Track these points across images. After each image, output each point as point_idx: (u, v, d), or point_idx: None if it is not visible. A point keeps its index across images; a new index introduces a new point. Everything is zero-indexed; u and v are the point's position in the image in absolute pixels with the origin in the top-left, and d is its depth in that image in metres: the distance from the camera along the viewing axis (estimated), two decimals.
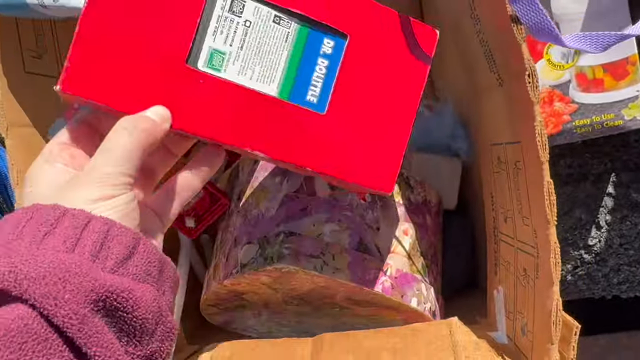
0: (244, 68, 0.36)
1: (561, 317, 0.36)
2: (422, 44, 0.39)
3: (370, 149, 0.38)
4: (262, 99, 0.36)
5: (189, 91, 0.34)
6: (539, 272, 0.39)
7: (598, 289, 0.69)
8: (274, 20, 0.36)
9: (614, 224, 0.65)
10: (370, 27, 0.38)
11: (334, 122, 0.37)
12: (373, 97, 0.38)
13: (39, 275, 0.25)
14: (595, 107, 0.56)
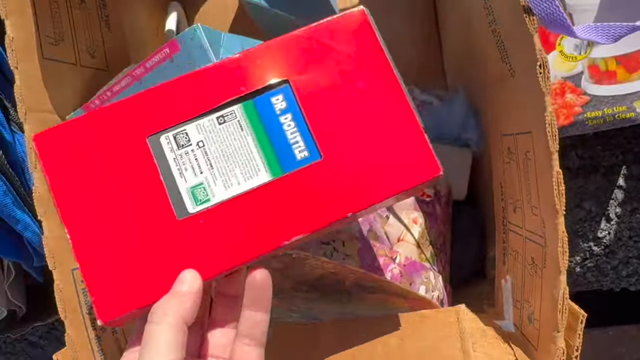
0: (227, 181, 0.34)
1: (567, 305, 0.37)
2: (358, 31, 0.35)
3: (390, 151, 0.34)
4: (262, 192, 0.34)
5: (198, 238, 0.33)
6: (547, 261, 0.39)
7: (607, 281, 0.70)
8: (219, 122, 0.34)
9: (624, 216, 0.65)
10: (299, 57, 0.35)
11: (338, 157, 0.34)
12: (355, 108, 0.35)
13: None
14: (607, 99, 0.56)
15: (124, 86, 0.43)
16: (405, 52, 0.68)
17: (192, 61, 0.39)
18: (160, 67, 0.40)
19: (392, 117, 0.35)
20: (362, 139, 0.34)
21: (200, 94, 0.34)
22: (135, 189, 0.33)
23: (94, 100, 0.45)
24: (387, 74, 0.35)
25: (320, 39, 0.35)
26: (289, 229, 0.33)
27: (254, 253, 0.33)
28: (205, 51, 0.38)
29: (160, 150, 0.34)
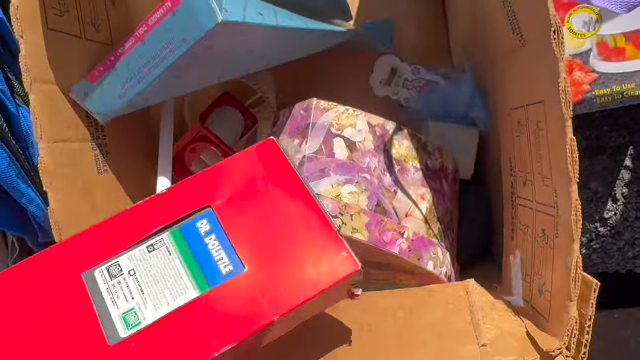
0: (157, 302, 0.36)
1: (580, 274, 0.37)
2: (269, 157, 0.40)
3: (308, 255, 0.37)
4: (191, 307, 0.35)
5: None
6: (559, 231, 0.39)
7: (612, 263, 0.69)
8: (149, 250, 0.37)
9: (631, 197, 0.65)
10: (221, 185, 0.39)
11: (261, 266, 0.37)
12: (272, 220, 0.38)
13: None
14: (616, 77, 0.56)
15: (128, 48, 0.42)
16: (411, 33, 0.68)
17: (195, 12, 0.38)
18: (163, 24, 0.40)
19: (307, 224, 0.38)
20: (282, 247, 0.38)
21: (132, 227, 0.38)
22: (71, 321, 0.35)
23: (98, 68, 0.44)
24: (298, 188, 0.39)
25: (237, 168, 0.40)
26: (218, 340, 0.34)
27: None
28: (207, 1, 0.37)
29: (94, 283, 0.36)
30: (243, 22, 0.39)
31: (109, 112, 0.47)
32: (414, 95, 0.67)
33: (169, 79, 0.43)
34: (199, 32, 0.38)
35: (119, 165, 0.50)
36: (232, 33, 0.40)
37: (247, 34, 0.41)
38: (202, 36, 0.38)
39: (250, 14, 0.40)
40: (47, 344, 0.34)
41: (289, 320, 0.37)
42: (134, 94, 0.44)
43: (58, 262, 0.37)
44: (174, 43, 0.40)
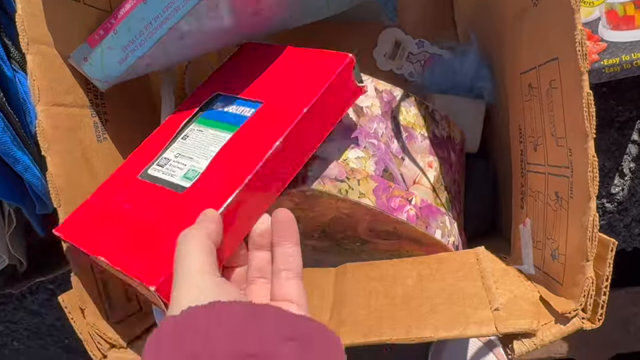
0: (206, 155, 0.42)
1: (597, 233, 0.35)
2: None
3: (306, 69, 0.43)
4: (233, 141, 0.41)
5: (201, 194, 0.39)
6: (574, 191, 0.38)
7: (619, 240, 0.68)
8: (183, 138, 0.45)
9: (638, 171, 0.64)
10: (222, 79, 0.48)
11: (274, 96, 0.43)
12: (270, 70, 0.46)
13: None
14: (625, 46, 0.55)
15: (128, 9, 0.41)
16: (415, 5, 0.67)
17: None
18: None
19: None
20: (285, 81, 0.43)
21: (164, 132, 0.46)
22: (147, 200, 0.41)
23: (97, 31, 0.43)
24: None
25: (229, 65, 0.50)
26: (261, 149, 0.39)
27: (242, 177, 0.38)
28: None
29: (151, 176, 0.43)
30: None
31: (109, 77, 0.45)
32: (418, 68, 0.66)
33: (172, 41, 0.42)
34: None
35: (118, 134, 0.49)
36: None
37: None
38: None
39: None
40: (139, 219, 0.40)
41: (314, 117, 0.40)
42: (135, 57, 0.43)
43: (116, 183, 0.44)
44: (176, 2, 0.39)
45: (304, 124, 0.39)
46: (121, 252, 0.37)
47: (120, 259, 0.37)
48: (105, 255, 0.37)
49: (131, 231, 0.39)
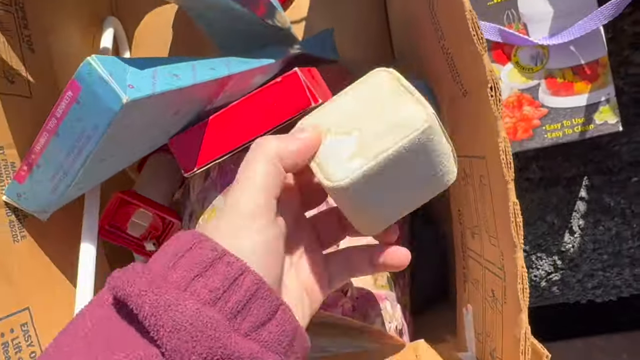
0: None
1: (530, 345, 0.34)
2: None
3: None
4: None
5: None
6: (507, 296, 0.36)
7: (572, 294, 0.68)
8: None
9: (587, 228, 0.64)
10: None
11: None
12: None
13: (175, 328, 0.25)
14: (566, 111, 0.54)
15: (44, 144, 0.39)
16: (352, 46, 0.65)
17: (98, 97, 0.35)
18: (71, 114, 0.36)
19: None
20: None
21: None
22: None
23: (22, 167, 0.41)
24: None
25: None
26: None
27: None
28: (106, 82, 0.34)
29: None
30: (153, 93, 0.36)
31: (46, 207, 0.44)
32: None
33: (95, 165, 0.40)
34: (107, 117, 0.35)
35: (39, 230, 0.46)
36: (146, 106, 0.37)
37: (164, 100, 0.38)
38: (112, 119, 0.35)
39: (162, 80, 0.37)
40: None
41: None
42: (64, 186, 0.41)
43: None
44: (87, 131, 0.37)
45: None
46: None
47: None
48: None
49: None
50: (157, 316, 0.25)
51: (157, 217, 0.50)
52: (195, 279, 0.27)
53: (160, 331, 0.25)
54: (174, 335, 0.25)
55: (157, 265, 0.28)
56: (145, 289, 0.26)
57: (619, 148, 0.62)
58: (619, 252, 0.64)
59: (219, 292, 0.27)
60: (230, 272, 0.27)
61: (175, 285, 0.26)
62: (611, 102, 0.53)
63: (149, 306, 0.25)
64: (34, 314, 0.44)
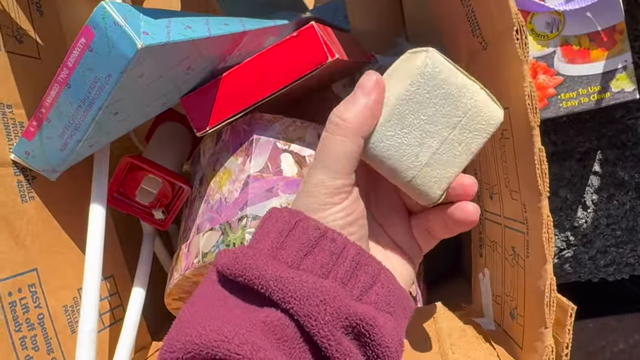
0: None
1: (555, 298, 0.33)
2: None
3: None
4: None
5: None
6: (530, 249, 0.35)
7: (585, 272, 0.67)
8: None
9: (601, 203, 0.63)
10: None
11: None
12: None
13: (302, 296, 0.27)
14: (582, 79, 0.53)
15: (55, 96, 0.38)
16: (365, 13, 0.64)
17: (112, 42, 0.34)
18: (83, 63, 0.35)
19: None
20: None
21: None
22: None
23: (31, 123, 0.40)
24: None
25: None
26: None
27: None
28: (121, 27, 0.33)
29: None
30: (168, 41, 0.35)
31: (56, 167, 0.43)
32: None
33: (107, 118, 0.39)
34: (121, 64, 0.34)
35: (48, 192, 0.45)
36: (160, 55, 0.36)
37: (178, 52, 0.37)
38: (126, 67, 0.34)
39: (176, 30, 0.36)
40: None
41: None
42: (74, 142, 0.40)
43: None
44: (99, 81, 0.36)
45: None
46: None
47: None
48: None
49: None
50: (284, 290, 0.27)
51: (167, 183, 0.49)
52: (305, 257, 0.29)
53: (290, 301, 0.27)
54: (304, 302, 0.27)
55: (265, 246, 0.30)
56: (265, 266, 0.28)
57: (634, 122, 0.62)
58: (633, 228, 0.63)
59: (328, 266, 0.29)
60: (336, 247, 0.30)
61: (289, 264, 0.29)
62: (628, 70, 0.52)
63: (273, 282, 0.28)
64: (42, 275, 0.43)
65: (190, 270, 0.42)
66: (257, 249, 0.30)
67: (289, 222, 0.30)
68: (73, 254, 0.47)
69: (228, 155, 0.44)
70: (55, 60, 0.49)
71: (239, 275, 0.29)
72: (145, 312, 0.51)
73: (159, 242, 0.56)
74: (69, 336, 0.44)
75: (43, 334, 0.42)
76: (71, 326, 0.44)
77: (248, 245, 0.31)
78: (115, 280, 0.52)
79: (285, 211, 0.31)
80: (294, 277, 0.28)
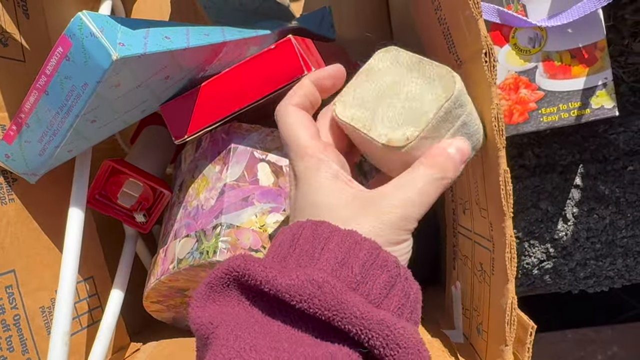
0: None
1: (516, 316, 0.34)
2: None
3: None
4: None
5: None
6: (495, 267, 0.36)
7: (564, 283, 0.67)
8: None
9: (581, 216, 0.63)
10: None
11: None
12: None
13: (407, 346, 0.25)
14: (562, 95, 0.54)
15: (33, 102, 0.38)
16: (351, 20, 0.65)
17: (87, 53, 0.34)
18: (60, 71, 0.36)
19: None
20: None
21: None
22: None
23: (11, 127, 0.41)
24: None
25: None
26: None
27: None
28: (97, 38, 0.34)
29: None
30: (145, 52, 0.35)
31: (35, 170, 0.43)
32: None
33: (85, 125, 0.39)
34: (97, 74, 0.35)
35: (28, 194, 0.46)
36: (136, 66, 0.36)
37: (155, 62, 0.38)
38: (102, 77, 0.35)
39: (154, 41, 0.37)
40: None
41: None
42: (52, 147, 0.41)
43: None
44: (76, 89, 0.36)
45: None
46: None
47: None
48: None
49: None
50: (388, 338, 0.25)
51: (148, 188, 0.50)
52: (387, 297, 0.27)
53: (394, 349, 0.25)
54: (407, 351, 0.25)
55: (346, 276, 0.27)
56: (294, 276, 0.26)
57: (616, 136, 0.62)
58: (612, 242, 0.64)
59: (402, 307, 0.27)
60: (408, 286, 0.29)
61: (370, 300, 0.27)
62: (608, 87, 0.53)
63: (356, 319, 0.25)
64: (20, 277, 0.44)
65: (166, 275, 0.42)
66: (336, 280, 0.26)
67: (372, 252, 0.28)
68: (52, 255, 0.47)
69: (206, 163, 0.45)
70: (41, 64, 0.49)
71: (324, 309, 0.25)
72: (125, 313, 0.52)
73: (141, 244, 0.57)
74: (44, 337, 0.44)
75: (18, 335, 0.42)
76: (47, 327, 0.45)
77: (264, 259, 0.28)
78: (95, 281, 0.52)
79: (335, 227, 0.29)
80: (395, 324, 0.25)
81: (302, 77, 0.41)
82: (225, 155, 0.44)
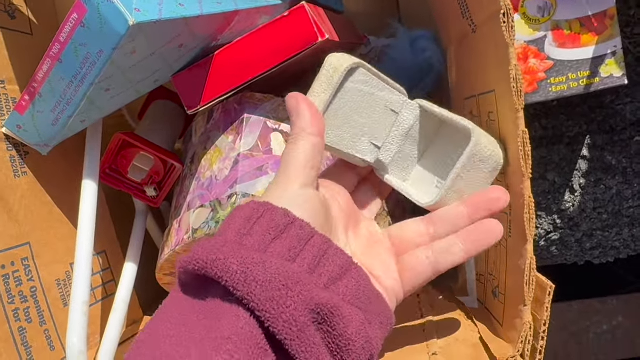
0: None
1: (534, 277, 0.34)
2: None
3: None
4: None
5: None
6: (512, 230, 0.36)
7: (571, 254, 0.68)
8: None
9: (588, 187, 0.64)
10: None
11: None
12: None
13: (265, 280, 0.26)
14: (572, 64, 0.54)
15: (47, 71, 0.38)
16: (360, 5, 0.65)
17: (103, 19, 0.34)
18: (75, 38, 0.36)
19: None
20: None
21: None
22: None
23: (23, 97, 0.41)
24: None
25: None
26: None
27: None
28: (113, 3, 0.33)
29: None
30: (160, 19, 0.35)
31: (48, 141, 0.43)
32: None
33: (99, 94, 0.39)
34: (113, 40, 0.34)
35: (41, 167, 0.46)
36: (151, 33, 0.36)
37: (170, 29, 0.37)
38: (118, 43, 0.34)
39: (168, 7, 0.36)
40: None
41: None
42: (66, 117, 0.40)
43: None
44: (91, 57, 0.36)
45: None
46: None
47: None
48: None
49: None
50: (247, 272, 0.26)
51: (159, 161, 0.49)
52: (273, 241, 0.29)
53: (252, 284, 0.26)
54: (266, 285, 0.26)
55: (231, 234, 0.29)
56: (230, 253, 0.27)
57: (622, 107, 0.62)
58: (618, 212, 0.64)
59: (296, 250, 0.29)
60: (303, 234, 0.29)
61: (255, 248, 0.28)
62: (617, 55, 0.53)
63: (236, 265, 0.26)
64: (35, 249, 0.44)
65: (181, 246, 0.43)
66: (222, 237, 0.29)
67: (257, 210, 0.30)
68: (65, 228, 0.47)
69: (219, 134, 0.45)
70: (48, 36, 0.49)
71: (201, 268, 0.27)
72: (137, 287, 0.52)
73: (151, 219, 0.57)
74: (61, 309, 0.45)
75: (36, 307, 0.42)
76: (63, 299, 0.45)
77: (210, 237, 0.30)
78: (108, 255, 0.52)
79: (254, 202, 0.31)
80: (258, 261, 0.27)
81: (316, 44, 0.41)
82: (239, 125, 0.43)
